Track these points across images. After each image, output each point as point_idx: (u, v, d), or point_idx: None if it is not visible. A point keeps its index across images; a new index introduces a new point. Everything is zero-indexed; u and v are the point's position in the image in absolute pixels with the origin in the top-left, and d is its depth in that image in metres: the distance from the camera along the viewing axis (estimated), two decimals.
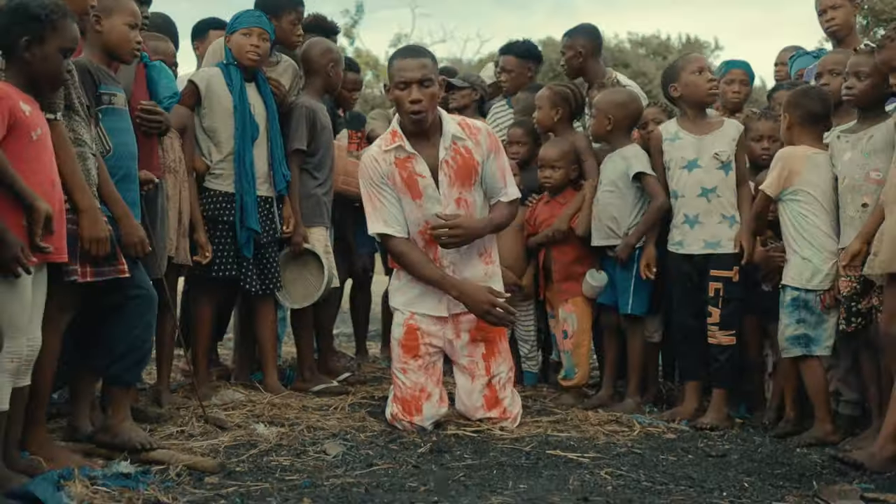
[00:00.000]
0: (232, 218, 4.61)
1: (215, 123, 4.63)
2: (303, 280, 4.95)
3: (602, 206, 4.74)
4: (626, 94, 4.86)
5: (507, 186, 4.23)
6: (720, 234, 4.41)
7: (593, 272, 4.77)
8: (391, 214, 4.08)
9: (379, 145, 4.15)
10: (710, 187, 4.43)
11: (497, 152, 4.22)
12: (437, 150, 4.09)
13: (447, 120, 4.15)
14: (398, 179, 4.07)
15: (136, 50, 3.76)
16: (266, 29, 4.65)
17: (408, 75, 4.01)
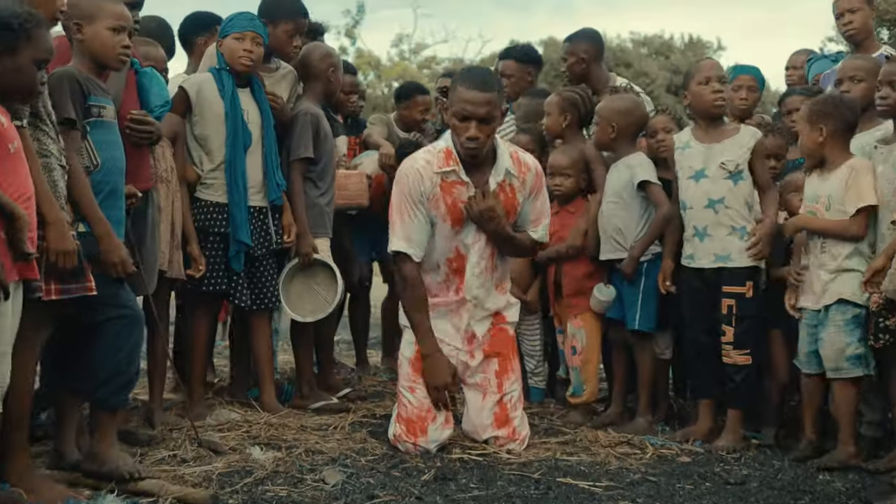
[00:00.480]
0: (223, 229, 4.41)
1: (206, 131, 4.43)
2: (312, 293, 4.75)
3: (607, 218, 4.55)
4: (629, 100, 4.66)
5: (539, 228, 4.10)
6: (730, 248, 4.19)
7: (601, 286, 4.57)
8: (417, 235, 3.91)
9: (427, 160, 3.92)
10: (717, 198, 4.21)
11: (538, 193, 4.08)
12: (484, 182, 3.91)
13: (502, 151, 3.97)
14: (441, 203, 3.90)
15: (122, 56, 3.53)
16: (259, 33, 4.45)
17: (470, 109, 3.80)
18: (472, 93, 3.79)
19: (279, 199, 4.55)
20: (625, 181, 4.50)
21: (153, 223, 3.95)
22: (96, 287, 3.19)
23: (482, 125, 3.79)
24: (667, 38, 25.84)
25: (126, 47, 3.53)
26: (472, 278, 3.98)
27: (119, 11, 3.52)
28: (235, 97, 4.43)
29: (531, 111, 5.17)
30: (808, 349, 4.00)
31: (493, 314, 4.07)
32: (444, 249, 3.94)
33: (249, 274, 4.50)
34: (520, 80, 5.57)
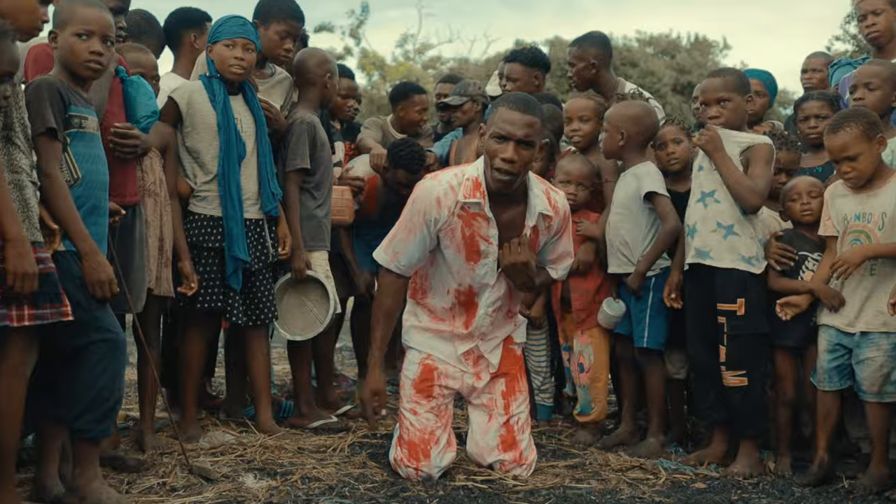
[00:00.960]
0: (218, 244, 4.20)
1: (199, 143, 4.22)
2: (303, 309, 4.56)
3: (614, 230, 4.34)
4: (640, 107, 4.44)
5: (560, 269, 3.91)
6: (711, 244, 3.96)
7: (610, 301, 4.36)
8: (408, 254, 3.68)
9: (452, 186, 3.62)
10: (708, 191, 4.01)
11: (564, 233, 3.83)
12: (515, 219, 3.66)
13: (536, 191, 3.67)
14: (457, 233, 3.63)
15: (91, 63, 3.29)
16: (251, 39, 4.24)
17: (509, 129, 3.50)
18: (513, 113, 3.52)
19: (275, 211, 4.35)
20: (632, 192, 4.30)
21: (141, 239, 3.76)
22: (76, 309, 3.00)
23: (520, 148, 3.49)
24: (673, 38, 25.55)
25: (97, 54, 3.29)
26: (484, 317, 3.77)
27: (87, 16, 3.28)
28: (228, 106, 4.23)
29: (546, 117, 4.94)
30: (829, 366, 3.79)
31: (503, 340, 3.89)
32: (452, 279, 3.72)
33: (245, 289, 4.30)
34: (527, 84, 5.37)
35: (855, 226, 3.75)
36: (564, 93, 20.63)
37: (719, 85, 4.05)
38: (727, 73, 4.14)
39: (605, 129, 4.41)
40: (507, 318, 3.87)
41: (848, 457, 4.07)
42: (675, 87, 22.93)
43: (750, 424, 3.94)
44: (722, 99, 4.02)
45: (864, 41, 4.92)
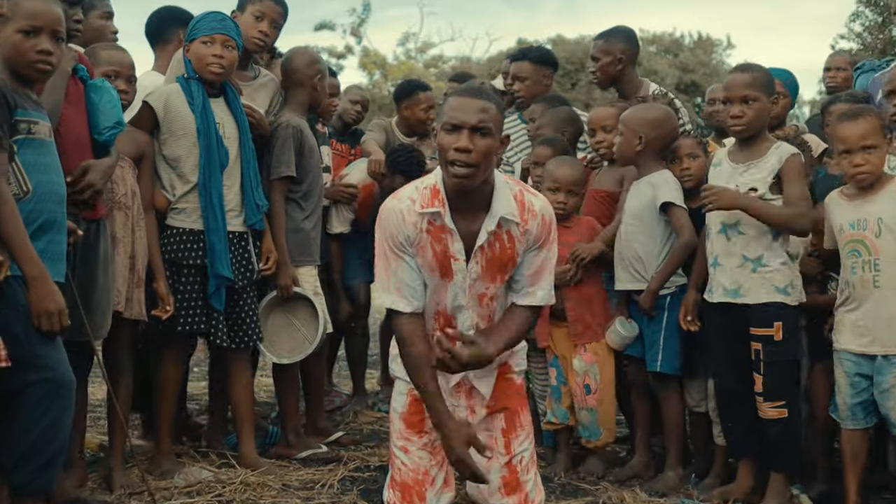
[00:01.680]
0: (199, 261, 3.82)
1: (177, 150, 3.84)
2: (291, 329, 4.17)
3: (626, 243, 3.95)
4: (661, 110, 4.04)
5: (539, 288, 3.24)
6: (740, 280, 3.59)
7: (622, 321, 3.97)
8: (407, 285, 3.15)
9: (412, 198, 3.14)
10: (731, 223, 3.62)
11: (545, 245, 3.23)
12: (477, 230, 3.13)
13: (502, 191, 3.15)
14: (428, 250, 3.13)
15: (38, 63, 2.91)
16: (231, 36, 3.85)
17: (460, 116, 3.00)
18: (464, 99, 3.04)
19: (260, 224, 3.97)
20: (646, 201, 3.90)
21: (105, 257, 3.37)
22: (13, 345, 2.62)
23: (476, 136, 2.99)
24: (676, 36, 25.12)
25: (45, 52, 2.90)
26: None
27: (33, 9, 2.89)
28: (208, 110, 3.84)
29: (559, 119, 4.56)
30: (851, 401, 3.41)
31: (496, 367, 3.42)
32: (432, 303, 3.22)
33: (228, 308, 3.91)
34: (535, 84, 4.98)
35: (850, 235, 3.46)
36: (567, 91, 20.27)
37: (747, 81, 3.64)
38: (755, 69, 3.73)
39: (620, 132, 4.00)
40: None
41: (884, 489, 3.73)
42: (679, 85, 22.49)
43: (786, 459, 3.56)
44: (748, 97, 3.62)
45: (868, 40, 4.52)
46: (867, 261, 3.41)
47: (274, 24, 4.17)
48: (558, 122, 4.56)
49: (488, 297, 3.19)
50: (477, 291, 3.16)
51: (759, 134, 3.67)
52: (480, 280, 3.15)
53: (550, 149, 4.35)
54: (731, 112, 3.65)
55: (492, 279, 3.16)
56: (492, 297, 3.19)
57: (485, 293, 3.18)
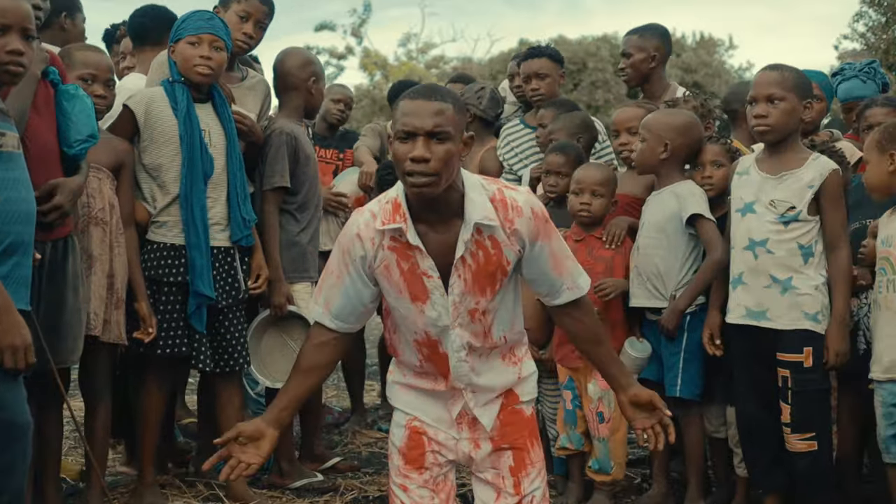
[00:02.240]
0: (180, 278, 3.50)
1: (159, 159, 3.53)
2: (285, 351, 3.86)
3: (644, 257, 3.63)
4: (688, 116, 3.73)
5: (572, 276, 2.82)
6: (766, 302, 3.28)
7: (633, 341, 3.65)
8: (339, 303, 2.77)
9: (373, 212, 2.75)
10: (759, 239, 3.31)
11: (545, 237, 2.81)
12: (454, 240, 2.73)
13: (475, 194, 2.75)
14: (393, 271, 2.73)
15: (8, 66, 2.60)
16: (220, 36, 3.54)
17: (413, 122, 2.60)
18: (415, 102, 2.64)
19: (246, 240, 3.65)
20: (670, 213, 3.59)
21: (75, 276, 3.05)
22: None
23: (433, 142, 2.59)
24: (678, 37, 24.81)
25: (16, 53, 2.60)
26: (459, 365, 2.84)
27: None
28: (192, 115, 3.53)
29: (574, 125, 4.24)
30: (886, 433, 3.12)
31: (502, 394, 3.08)
32: (406, 329, 2.83)
33: (212, 330, 3.60)
34: (554, 83, 4.68)
35: (882, 252, 3.20)
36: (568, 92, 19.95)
37: (774, 79, 3.32)
38: (785, 68, 3.41)
39: (642, 137, 3.67)
40: (503, 361, 3.07)
41: None
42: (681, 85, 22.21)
43: (818, 494, 3.26)
44: (774, 97, 3.30)
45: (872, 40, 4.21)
46: (891, 280, 3.12)
47: (259, 25, 3.85)
48: (573, 128, 4.24)
49: (480, 312, 2.80)
50: (466, 307, 2.77)
51: (790, 140, 3.36)
52: (468, 295, 2.76)
53: (563, 156, 4.02)
54: (754, 111, 3.33)
55: (481, 292, 2.76)
56: (484, 311, 2.81)
57: (475, 308, 2.79)
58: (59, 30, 4.00)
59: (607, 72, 21.82)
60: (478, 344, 2.85)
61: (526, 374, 3.01)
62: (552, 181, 3.98)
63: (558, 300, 2.89)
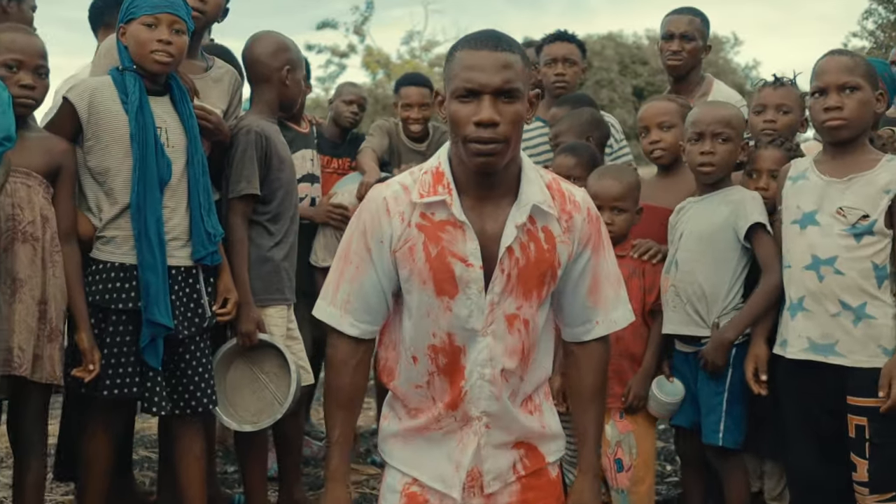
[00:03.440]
0: (131, 304, 2.89)
1: (105, 161, 2.91)
2: (256, 386, 3.27)
3: (684, 275, 3.03)
4: (737, 111, 3.14)
5: (606, 307, 2.31)
6: (834, 333, 2.69)
7: (662, 381, 3.07)
8: (362, 299, 2.24)
9: (405, 186, 2.22)
10: (825, 257, 2.71)
11: (595, 248, 2.28)
12: (500, 226, 2.19)
13: (530, 174, 2.23)
14: (418, 254, 2.18)
15: None
16: (180, 16, 2.94)
17: (479, 78, 2.08)
18: (481, 53, 2.10)
19: (211, 258, 3.04)
20: (720, 222, 3.00)
21: None
22: None
23: (500, 102, 2.08)
24: None
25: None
26: (479, 385, 2.25)
27: None
28: (146, 109, 2.92)
29: (582, 122, 3.66)
30: None
31: (519, 444, 2.46)
32: (423, 331, 2.24)
33: (171, 365, 2.99)
34: (579, 73, 4.11)
35: None
36: None
37: (846, 65, 2.74)
38: (853, 53, 2.86)
39: (724, 136, 3.03)
40: (523, 409, 2.38)
41: None
42: None
43: None
44: (849, 85, 2.72)
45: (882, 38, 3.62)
46: None
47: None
48: (581, 126, 3.66)
49: (521, 321, 2.21)
50: (504, 311, 2.20)
51: (862, 137, 2.76)
52: (508, 296, 2.19)
53: (575, 158, 3.46)
54: (825, 103, 2.73)
55: (525, 295, 2.20)
56: (525, 321, 2.22)
57: (516, 314, 2.20)
58: (1, 13, 3.41)
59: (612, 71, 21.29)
60: (511, 365, 2.23)
61: (551, 429, 2.41)
62: None
63: (580, 334, 2.32)
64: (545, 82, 4.15)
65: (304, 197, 4.11)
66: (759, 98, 3.35)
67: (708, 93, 3.78)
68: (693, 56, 3.81)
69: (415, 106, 4.38)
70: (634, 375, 3.08)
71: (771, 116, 3.29)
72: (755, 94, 3.39)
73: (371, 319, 2.26)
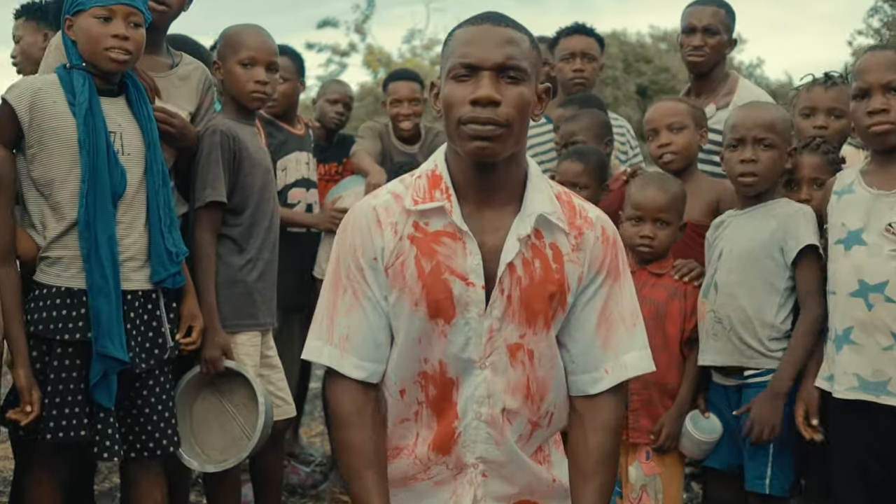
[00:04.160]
0: (79, 335, 2.50)
1: (50, 171, 2.52)
2: (224, 419, 2.88)
3: (726, 299, 2.64)
4: (782, 114, 2.76)
5: (617, 351, 1.91)
6: (887, 370, 2.33)
7: (697, 417, 2.70)
8: (364, 335, 1.87)
9: (396, 194, 1.87)
10: (875, 282, 2.35)
11: (610, 275, 1.90)
12: (501, 239, 1.82)
13: (538, 183, 1.87)
14: (410, 270, 1.82)
15: None
16: (138, 7, 2.55)
17: (477, 53, 1.75)
18: (479, 28, 1.79)
19: (173, 280, 2.65)
20: (766, 238, 2.62)
21: None
22: None
23: (503, 82, 1.75)
24: None
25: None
26: (475, 427, 1.89)
27: None
28: (97, 112, 2.53)
29: (598, 124, 3.30)
30: None
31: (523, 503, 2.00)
32: (412, 358, 1.88)
33: (127, 402, 2.60)
34: (597, 70, 3.76)
35: None
36: None
37: (892, 62, 2.40)
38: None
39: (767, 141, 2.64)
40: (532, 456, 1.99)
41: None
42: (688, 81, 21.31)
43: None
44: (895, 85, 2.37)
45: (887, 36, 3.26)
46: None
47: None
48: (599, 127, 3.32)
49: (525, 353, 1.86)
50: (505, 339, 1.85)
51: None
52: (510, 321, 1.84)
53: (581, 163, 3.14)
54: (870, 106, 2.36)
55: (529, 321, 1.84)
56: (530, 352, 1.86)
57: (519, 344, 1.85)
58: None
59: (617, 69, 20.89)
60: (514, 405, 1.86)
61: (561, 484, 2.02)
62: None
63: (586, 385, 1.94)
64: (561, 78, 3.78)
65: (296, 203, 3.78)
66: (807, 99, 2.96)
67: (733, 92, 3.40)
68: (717, 51, 3.42)
69: (404, 101, 4.05)
70: (667, 412, 2.71)
71: (822, 122, 2.91)
72: (802, 95, 2.99)
73: (379, 357, 1.88)
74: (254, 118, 3.02)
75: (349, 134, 4.43)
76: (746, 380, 2.62)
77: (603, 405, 1.91)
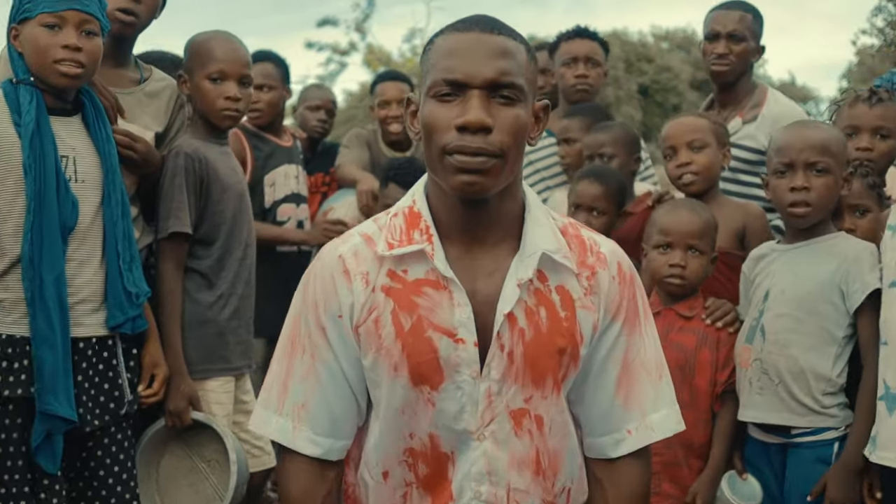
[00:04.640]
0: (20, 390, 2.16)
1: None
2: (192, 477, 2.55)
3: (774, 347, 2.30)
4: (836, 133, 2.43)
5: (643, 409, 1.59)
6: None
7: (734, 478, 2.38)
8: (321, 407, 1.55)
9: (367, 234, 1.55)
10: None
11: (628, 320, 1.57)
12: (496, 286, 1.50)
13: (540, 213, 1.55)
14: (386, 328, 1.50)
15: None
16: (92, 13, 2.22)
17: (464, 68, 1.45)
18: (466, 36, 1.50)
19: (132, 326, 2.32)
20: (825, 280, 2.28)
21: None
22: None
23: (494, 102, 1.45)
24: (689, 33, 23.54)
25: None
26: None
27: None
28: (45, 133, 2.20)
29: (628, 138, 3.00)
30: None
31: None
32: (396, 433, 1.56)
33: (79, 464, 2.27)
34: (602, 77, 3.42)
35: None
36: None
37: None
38: None
39: (821, 166, 2.29)
40: None
41: None
42: (693, 83, 21.04)
43: None
44: None
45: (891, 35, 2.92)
46: None
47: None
48: (628, 142, 3.01)
49: (532, 419, 1.54)
50: (507, 405, 1.53)
51: None
52: (513, 383, 1.52)
53: (601, 185, 2.83)
54: None
55: (536, 382, 1.53)
56: (538, 418, 1.55)
57: (525, 410, 1.54)
58: None
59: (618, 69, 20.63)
60: (522, 483, 1.52)
61: None
62: (582, 220, 2.66)
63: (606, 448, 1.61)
64: (562, 85, 3.45)
65: (286, 220, 3.49)
66: (850, 117, 2.61)
67: (761, 104, 3.06)
68: (743, 60, 3.08)
69: (393, 102, 3.77)
70: (699, 477, 2.37)
71: (866, 142, 2.56)
72: (844, 112, 2.65)
73: (337, 431, 1.57)
74: (226, 137, 2.68)
75: (335, 142, 4.13)
76: (793, 438, 2.28)
77: (627, 471, 1.60)
